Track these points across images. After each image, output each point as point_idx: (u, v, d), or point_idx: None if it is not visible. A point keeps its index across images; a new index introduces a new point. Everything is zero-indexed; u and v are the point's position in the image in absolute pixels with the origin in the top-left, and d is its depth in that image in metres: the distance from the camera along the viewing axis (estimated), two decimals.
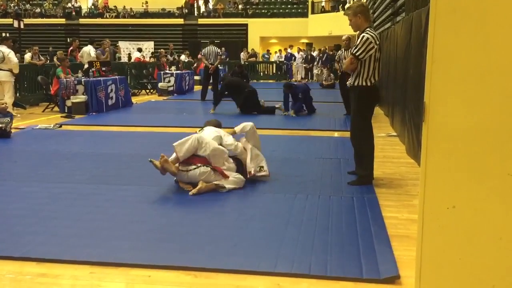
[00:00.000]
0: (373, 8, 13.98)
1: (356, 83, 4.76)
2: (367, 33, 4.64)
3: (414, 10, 6.43)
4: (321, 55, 23.21)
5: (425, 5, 5.54)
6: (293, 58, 24.56)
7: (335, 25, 25.64)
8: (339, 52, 10.74)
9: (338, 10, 27.84)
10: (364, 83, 4.69)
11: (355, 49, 4.68)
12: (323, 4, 30.45)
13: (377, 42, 4.65)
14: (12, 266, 3.01)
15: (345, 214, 3.96)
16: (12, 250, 3.18)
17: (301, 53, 24.64)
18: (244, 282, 2.81)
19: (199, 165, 4.59)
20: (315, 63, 23.29)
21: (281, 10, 32.08)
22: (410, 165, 5.69)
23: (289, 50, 25.09)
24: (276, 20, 30.27)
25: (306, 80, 23.65)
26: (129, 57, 21.21)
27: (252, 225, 3.71)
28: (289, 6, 32.54)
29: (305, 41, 29.82)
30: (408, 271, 2.84)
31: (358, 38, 4.74)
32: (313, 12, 30.17)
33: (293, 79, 24.17)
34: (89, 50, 13.41)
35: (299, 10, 31.56)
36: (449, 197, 2.21)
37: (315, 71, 23.24)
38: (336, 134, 8.21)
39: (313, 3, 30.33)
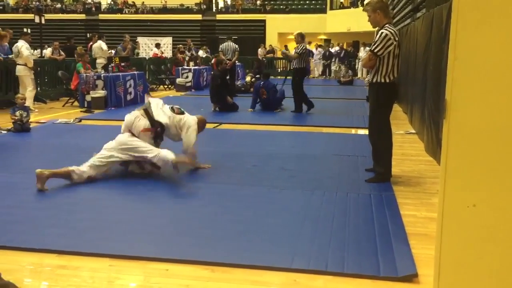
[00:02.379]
0: (392, 4, 13.83)
1: (374, 80, 4.72)
2: (386, 29, 4.59)
3: (435, 6, 6.34)
4: (339, 51, 23.06)
5: (446, 1, 5.47)
6: (311, 54, 24.44)
7: (354, 21, 25.45)
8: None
9: (357, 6, 27.59)
10: (382, 80, 4.65)
11: (373, 45, 4.65)
12: (342, 0, 30.24)
13: (396, 39, 4.60)
14: (32, 258, 3.06)
15: (362, 212, 3.94)
16: (32, 242, 3.23)
17: (319, 49, 24.51)
18: (260, 277, 2.82)
19: None
20: (333, 60, 23.16)
21: (299, 6, 31.94)
22: (429, 163, 5.63)
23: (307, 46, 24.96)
24: (295, 16, 30.13)
25: (324, 76, 23.54)
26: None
27: (268, 220, 3.71)
28: (307, 2, 32.38)
29: (323, 37, 29.65)
30: (426, 270, 2.81)
31: (376, 35, 4.70)
32: (331, 8, 29.97)
33: (311, 76, 24.08)
34: (100, 45, 13.56)
35: (317, 6, 31.38)
36: (469, 196, 2.18)
37: (333, 68, 23.10)
38: (353, 131, 8.16)
39: None
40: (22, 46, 10.07)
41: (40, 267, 2.95)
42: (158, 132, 5.01)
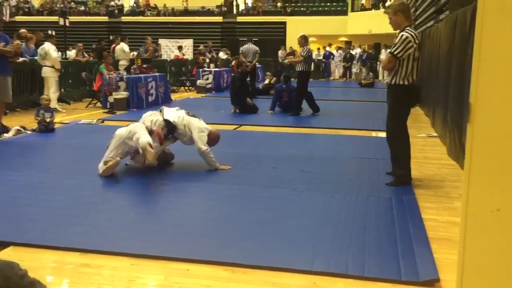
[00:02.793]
0: (415, 6, 13.70)
1: (393, 82, 4.71)
2: (406, 32, 4.58)
3: (458, 8, 6.26)
4: (360, 53, 22.94)
5: (470, 2, 5.40)
6: (332, 56, 24.35)
7: (375, 23, 25.24)
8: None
9: (379, 8, 27.38)
10: (401, 82, 4.64)
11: (393, 47, 4.64)
12: (363, 1, 30.03)
13: (417, 41, 4.57)
14: (55, 256, 3.11)
15: (383, 215, 3.91)
16: (55, 240, 3.29)
17: (339, 51, 24.41)
18: (280, 279, 2.82)
19: None
20: (354, 62, 23.04)
21: (320, 8, 31.83)
22: (452, 167, 5.56)
23: (327, 48, 24.89)
24: (315, 18, 30.03)
25: (345, 78, 23.43)
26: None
27: (289, 223, 3.71)
28: (328, 3, 32.25)
29: (344, 39, 29.48)
30: (448, 275, 2.78)
31: (397, 37, 4.68)
32: (353, 10, 29.79)
33: (331, 78, 23.98)
34: (123, 47, 13.73)
35: (338, 8, 31.23)
36: (493, 200, 2.15)
37: (353, 70, 22.99)
38: (374, 133, 8.10)
39: (353, 1, 29.95)
40: (49, 48, 10.24)
41: (62, 265, 3.00)
42: (168, 129, 5.34)
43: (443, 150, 6.46)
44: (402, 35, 4.58)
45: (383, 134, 7.79)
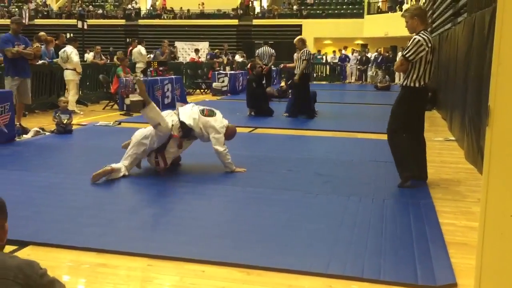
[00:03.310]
0: (432, 8, 13.59)
1: (405, 84, 4.79)
2: (419, 35, 4.65)
3: (477, 11, 6.20)
4: (376, 56, 22.81)
5: (489, 5, 5.34)
6: (347, 59, 24.25)
7: (392, 26, 25.07)
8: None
9: (395, 11, 27.21)
10: (412, 84, 4.71)
11: (405, 50, 4.71)
12: (379, 4, 29.87)
13: (429, 45, 4.62)
14: (72, 255, 3.15)
15: (399, 218, 3.89)
16: (73, 240, 3.33)
17: (355, 54, 24.30)
18: (296, 282, 2.81)
19: None
20: (370, 65, 22.92)
21: (336, 11, 31.74)
22: (469, 171, 5.50)
23: (343, 51, 24.80)
24: (331, 21, 29.96)
25: (360, 82, 23.32)
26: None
27: (304, 225, 3.70)
28: (344, 6, 32.16)
29: (360, 42, 29.36)
30: (466, 280, 2.75)
31: (410, 40, 4.73)
32: (369, 13, 29.64)
33: (347, 81, 23.89)
34: (140, 50, 13.85)
35: (354, 11, 31.12)
36: None
37: (369, 73, 22.87)
38: None
39: (369, 3, 29.80)
40: (71, 52, 10.37)
41: (79, 265, 3.04)
42: (184, 131, 5.27)
43: (461, 154, 6.40)
44: (415, 38, 4.63)
45: None
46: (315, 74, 24.44)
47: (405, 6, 26.70)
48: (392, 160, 5.97)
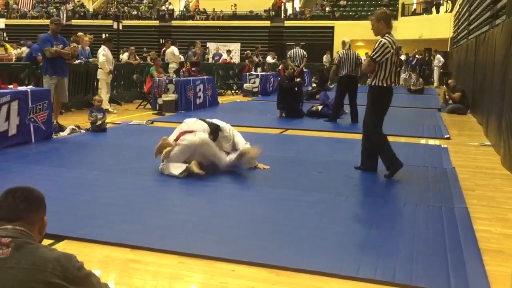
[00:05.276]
0: (469, 10, 13.30)
1: (373, 83, 5.21)
2: (385, 38, 5.05)
3: None
4: (410, 58, 22.46)
5: None
6: None
7: (426, 28, 24.69)
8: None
9: (430, 13, 26.76)
10: (380, 84, 5.14)
11: (373, 52, 5.11)
12: (414, 6, 29.38)
13: (394, 47, 5.05)
14: (107, 250, 3.22)
15: (432, 224, 3.82)
16: (107, 236, 3.41)
17: None
18: (325, 284, 2.80)
19: None
20: (403, 67, 22.57)
21: (369, 13, 31.29)
22: (506, 177, 5.36)
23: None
24: (364, 23, 29.46)
25: (394, 84, 22.99)
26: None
27: (335, 228, 3.68)
28: (377, 8, 31.75)
29: None
30: None
31: (376, 43, 5.12)
32: (403, 15, 29.20)
33: None
34: (173, 50, 14.03)
35: (388, 12, 30.68)
36: None
37: (402, 75, 22.52)
38: (423, 141, 7.91)
39: (403, 5, 29.35)
40: (100, 51, 10.62)
41: (112, 260, 3.10)
42: (213, 134, 5.47)
43: (497, 160, 6.24)
44: (381, 41, 5.06)
45: (433, 142, 7.63)
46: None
47: (442, 8, 26.22)
48: (426, 165, 5.90)
